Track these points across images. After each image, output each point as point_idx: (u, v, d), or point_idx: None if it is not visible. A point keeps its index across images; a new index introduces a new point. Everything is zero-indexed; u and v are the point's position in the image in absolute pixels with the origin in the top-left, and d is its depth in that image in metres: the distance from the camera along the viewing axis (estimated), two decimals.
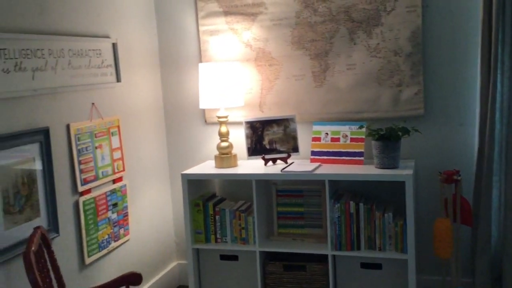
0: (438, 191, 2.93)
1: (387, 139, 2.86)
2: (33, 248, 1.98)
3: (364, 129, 3.04)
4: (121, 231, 3.08)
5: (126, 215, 3.12)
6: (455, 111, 3.06)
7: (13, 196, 2.29)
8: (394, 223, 2.85)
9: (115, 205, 3.01)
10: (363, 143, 3.04)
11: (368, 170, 2.91)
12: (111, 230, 2.98)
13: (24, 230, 2.32)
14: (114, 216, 3.01)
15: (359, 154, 3.04)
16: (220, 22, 3.37)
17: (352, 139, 3.07)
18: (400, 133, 2.88)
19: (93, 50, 2.82)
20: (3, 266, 2.24)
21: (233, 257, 3.20)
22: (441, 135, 3.09)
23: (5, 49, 2.23)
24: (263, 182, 3.17)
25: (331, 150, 3.12)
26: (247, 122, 3.26)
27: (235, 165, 3.25)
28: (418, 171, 3.11)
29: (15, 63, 2.28)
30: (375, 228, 2.88)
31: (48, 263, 2.22)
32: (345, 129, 3.10)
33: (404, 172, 2.80)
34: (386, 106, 3.12)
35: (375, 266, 2.92)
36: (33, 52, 2.39)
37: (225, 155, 3.24)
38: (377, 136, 2.89)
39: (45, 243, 2.22)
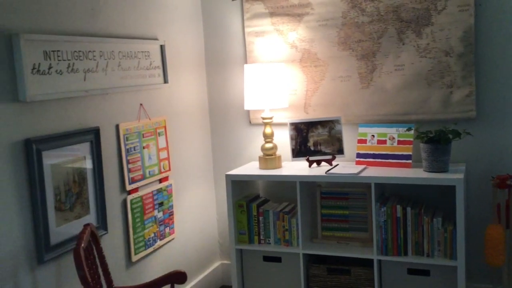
0: (490, 196, 2.82)
1: (437, 142, 2.78)
2: (83, 245, 2.03)
3: (412, 131, 2.96)
4: (167, 229, 3.12)
5: (171, 214, 3.17)
6: (508, 114, 2.94)
7: (64, 194, 2.36)
8: (443, 229, 2.76)
9: (161, 204, 3.06)
10: (411, 145, 2.97)
11: (417, 174, 2.83)
12: (157, 229, 3.03)
13: (74, 227, 2.39)
14: (160, 215, 3.05)
15: (407, 157, 2.97)
16: (265, 23, 3.37)
17: (399, 142, 3.00)
18: (450, 136, 2.79)
19: (142, 52, 2.88)
20: (54, 261, 2.32)
21: (276, 259, 3.19)
22: (493, 138, 2.97)
23: (59, 51, 2.31)
24: (308, 184, 3.14)
25: (377, 152, 3.06)
26: (292, 124, 3.24)
27: (279, 167, 3.24)
28: (469, 175, 3.00)
29: (67, 64, 2.36)
30: (423, 233, 2.80)
31: (97, 260, 2.28)
32: (392, 131, 3.03)
33: (454, 176, 2.71)
34: (435, 108, 3.04)
35: (423, 272, 2.84)
36: (85, 54, 2.46)
37: (269, 156, 3.23)
38: (426, 139, 2.81)
39: (94, 240, 2.28)
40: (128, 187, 2.79)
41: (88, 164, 2.51)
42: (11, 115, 2.12)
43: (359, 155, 3.12)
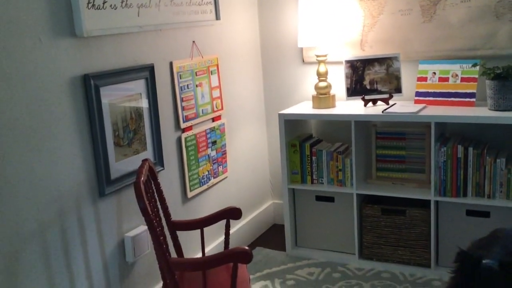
0: None
1: (505, 78, 2.61)
2: (142, 178, 2.06)
3: (477, 68, 2.79)
4: (220, 168, 3.15)
5: (224, 153, 3.18)
6: None
7: (122, 130, 2.39)
8: (507, 169, 2.64)
9: (214, 142, 3.07)
10: (475, 83, 2.81)
11: (481, 112, 2.69)
12: (211, 167, 3.06)
13: (132, 163, 2.44)
14: (213, 153, 3.07)
15: (471, 95, 2.82)
16: None
17: (463, 79, 2.85)
18: None
19: None
20: (114, 195, 2.39)
21: (329, 199, 3.17)
22: None
23: None
24: (363, 124, 3.06)
25: (438, 90, 2.92)
26: (347, 61, 3.13)
27: (333, 106, 3.16)
28: None
29: None
30: (485, 174, 2.69)
31: (155, 194, 2.32)
32: (455, 67, 2.87)
33: None
34: (504, 42, 2.84)
35: (483, 214, 2.75)
36: None
37: (323, 95, 3.15)
38: (493, 75, 2.65)
39: (152, 175, 2.32)
40: (183, 125, 2.80)
41: (144, 101, 2.52)
42: (70, 50, 2.13)
43: (418, 94, 2.99)
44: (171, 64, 2.70)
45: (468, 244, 2.12)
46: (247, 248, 2.05)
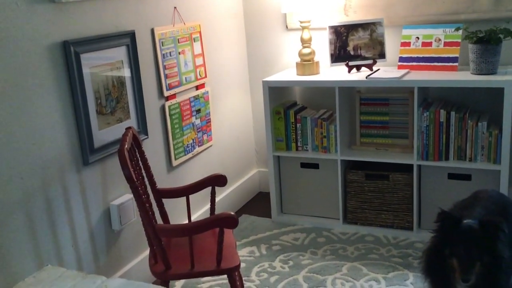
0: None
1: (487, 42, 2.63)
2: (126, 146, 2.05)
3: (460, 32, 2.80)
4: (205, 136, 3.14)
5: (208, 121, 3.17)
6: None
7: (104, 98, 2.36)
8: (488, 133, 2.68)
9: (198, 111, 3.06)
10: (458, 47, 2.82)
11: (463, 76, 2.71)
12: (195, 135, 3.05)
13: (116, 131, 2.42)
14: (197, 121, 3.06)
15: (453, 59, 2.83)
16: None
17: (446, 43, 2.85)
18: (501, 36, 2.62)
19: None
20: (99, 163, 2.37)
21: (314, 165, 3.20)
22: None
23: None
24: (347, 90, 3.06)
25: (421, 55, 2.93)
26: (331, 27, 3.11)
27: (317, 72, 3.16)
28: None
29: None
30: (467, 137, 2.73)
31: (140, 162, 2.32)
32: (438, 32, 2.87)
33: (503, 78, 2.59)
34: (486, 6, 2.84)
35: (464, 177, 2.80)
36: None
37: (307, 62, 3.14)
38: (476, 39, 2.66)
39: (136, 143, 2.30)
40: (166, 93, 2.78)
41: (125, 68, 2.48)
42: (48, 16, 2.08)
43: (401, 59, 2.99)
44: (152, 30, 2.66)
45: (451, 206, 2.17)
46: (232, 213, 2.06)
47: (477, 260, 1.76)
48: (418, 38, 2.93)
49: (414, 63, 2.95)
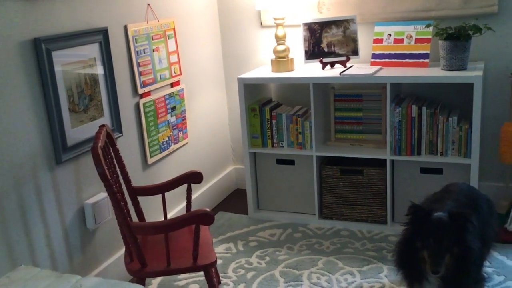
0: (508, 94, 2.77)
1: (456, 38, 2.68)
2: (100, 144, 2.04)
3: (431, 29, 2.85)
4: (180, 134, 3.13)
5: (184, 118, 3.16)
6: None
7: (77, 95, 2.34)
8: (459, 127, 2.75)
9: (173, 108, 3.05)
10: (429, 44, 2.87)
11: (434, 72, 2.77)
12: (171, 133, 3.04)
13: (89, 129, 2.40)
14: (173, 119, 3.05)
15: (424, 56, 2.89)
16: None
17: (417, 40, 2.90)
18: (470, 32, 2.68)
19: None
20: (72, 161, 2.35)
21: (290, 162, 3.22)
22: None
23: None
24: (321, 86, 3.09)
25: (393, 52, 2.98)
26: (305, 24, 3.13)
27: (292, 69, 3.18)
28: (488, 73, 2.94)
29: None
30: (438, 132, 2.79)
31: (114, 160, 2.30)
32: (410, 29, 2.92)
33: (473, 74, 2.65)
34: (456, 3, 2.90)
35: (436, 171, 2.86)
36: None
37: (281, 59, 3.16)
38: (445, 36, 2.71)
39: (111, 141, 2.29)
40: (140, 91, 2.76)
41: (98, 65, 2.46)
42: (18, 13, 2.05)
43: (374, 56, 3.04)
44: (125, 27, 2.64)
45: (423, 199, 2.22)
46: (208, 210, 2.07)
47: (447, 252, 1.80)
48: (390, 35, 2.98)
49: (387, 60, 2.99)
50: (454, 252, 1.81)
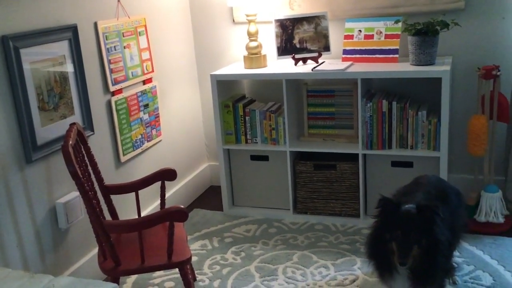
0: (476, 88, 2.84)
1: (425, 34, 2.74)
2: (70, 142, 2.02)
3: (400, 24, 2.90)
4: (153, 131, 3.12)
5: (157, 116, 3.14)
6: (496, 4, 2.89)
7: (46, 94, 2.30)
8: (428, 121, 2.80)
9: (146, 106, 3.03)
10: (398, 39, 2.92)
11: (403, 67, 2.82)
12: (144, 131, 3.02)
13: (60, 127, 2.37)
14: (146, 116, 3.03)
15: (394, 51, 2.94)
16: None
17: (386, 36, 2.95)
18: (438, 28, 2.74)
19: None
20: (42, 161, 2.32)
21: (264, 158, 3.24)
22: (481, 29, 2.94)
23: None
24: (294, 82, 3.12)
25: (364, 48, 3.02)
26: (277, 20, 3.15)
27: (264, 66, 3.19)
28: (456, 68, 3.01)
29: None
30: (408, 126, 2.84)
31: (86, 159, 2.28)
32: (379, 25, 2.97)
33: (441, 68, 2.71)
34: None
35: (406, 164, 2.92)
36: None
37: (254, 55, 3.17)
38: (414, 31, 2.76)
39: (82, 139, 2.26)
40: (112, 88, 2.74)
41: (68, 63, 2.43)
42: None
43: (345, 52, 3.07)
44: (95, 24, 2.61)
45: (394, 192, 2.26)
46: (182, 206, 2.07)
47: (415, 243, 1.84)
48: (360, 31, 3.02)
49: (357, 55, 3.03)
50: (422, 244, 1.85)
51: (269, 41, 3.28)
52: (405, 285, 1.93)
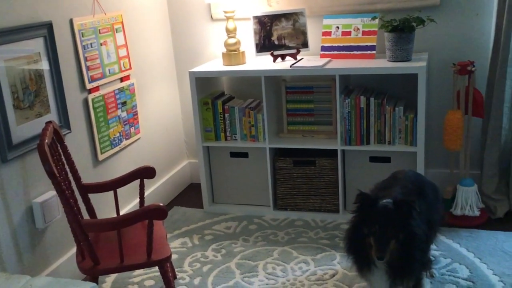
0: (451, 84, 2.89)
1: (401, 30, 2.77)
2: (46, 140, 1.99)
3: (377, 21, 2.93)
4: (132, 129, 3.09)
5: (135, 113, 3.12)
6: (471, 1, 2.94)
7: (21, 92, 2.27)
8: (405, 117, 2.84)
9: (124, 103, 3.00)
10: (375, 36, 2.95)
11: (380, 64, 2.85)
12: (122, 128, 2.99)
13: (36, 126, 2.33)
14: (124, 114, 3.00)
15: (371, 48, 2.96)
16: None
17: (364, 32, 2.97)
18: (414, 24, 2.77)
19: None
20: (18, 160, 2.28)
21: (243, 154, 3.24)
22: (456, 26, 2.99)
23: None
24: (273, 79, 3.12)
25: (342, 44, 3.04)
26: (255, 17, 3.15)
27: (243, 62, 3.19)
28: (431, 64, 3.05)
29: None
30: (385, 122, 2.88)
31: (62, 157, 2.25)
32: (357, 21, 2.99)
33: (417, 65, 2.74)
34: None
35: (384, 159, 2.95)
36: None
37: (233, 52, 3.16)
38: (391, 28, 2.79)
39: (58, 137, 2.23)
40: (88, 86, 2.71)
41: (44, 60, 2.39)
42: None
43: (323, 48, 3.09)
44: (71, 21, 2.58)
45: (372, 187, 2.28)
46: (161, 204, 2.06)
47: (392, 238, 1.86)
48: (338, 27, 3.04)
49: (335, 52, 3.05)
50: (400, 238, 1.87)
51: (247, 38, 3.27)
52: (383, 279, 1.96)
